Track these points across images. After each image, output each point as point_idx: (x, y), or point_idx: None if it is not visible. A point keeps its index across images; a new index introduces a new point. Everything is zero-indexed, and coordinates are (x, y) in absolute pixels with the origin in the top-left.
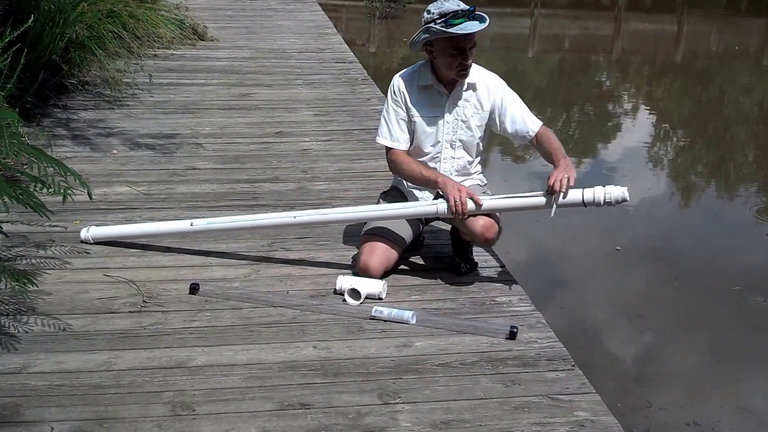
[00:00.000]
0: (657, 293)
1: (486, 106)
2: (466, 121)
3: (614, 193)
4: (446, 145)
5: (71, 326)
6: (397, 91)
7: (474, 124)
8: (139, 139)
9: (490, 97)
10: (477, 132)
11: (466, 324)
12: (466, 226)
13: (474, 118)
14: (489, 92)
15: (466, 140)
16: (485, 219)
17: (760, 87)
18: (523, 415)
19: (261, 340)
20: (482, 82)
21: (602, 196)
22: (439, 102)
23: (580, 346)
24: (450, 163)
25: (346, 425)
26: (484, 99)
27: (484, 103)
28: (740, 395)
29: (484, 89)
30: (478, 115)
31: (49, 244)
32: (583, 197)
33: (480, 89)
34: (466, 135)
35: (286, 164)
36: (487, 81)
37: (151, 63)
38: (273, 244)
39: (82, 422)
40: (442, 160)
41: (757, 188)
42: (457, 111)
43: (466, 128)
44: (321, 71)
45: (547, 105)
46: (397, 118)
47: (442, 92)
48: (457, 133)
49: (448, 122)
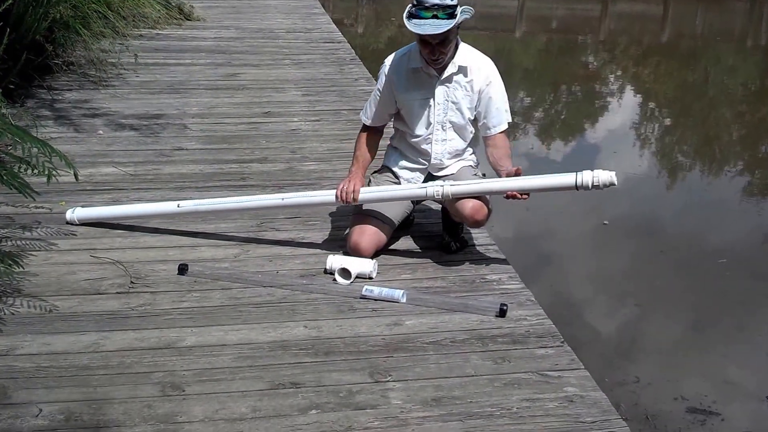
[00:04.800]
0: (644, 268)
1: (476, 89)
2: (457, 104)
3: (602, 177)
4: (438, 127)
5: (58, 308)
6: (383, 74)
7: (464, 107)
8: (125, 120)
9: (479, 81)
10: (468, 114)
11: (456, 302)
12: (456, 208)
13: (464, 100)
14: (480, 76)
15: (456, 122)
16: (474, 201)
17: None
18: (513, 391)
19: (251, 320)
20: (474, 66)
21: (590, 179)
22: (429, 84)
23: (569, 322)
24: (441, 145)
25: (338, 404)
26: (474, 82)
27: (474, 86)
28: (726, 369)
29: (475, 72)
30: (468, 97)
31: (35, 225)
32: (575, 181)
33: (471, 72)
34: (456, 117)
35: (274, 144)
36: (479, 64)
37: (136, 43)
38: (262, 224)
39: (70, 403)
40: (434, 142)
41: (742, 166)
42: (447, 93)
43: (457, 110)
44: (309, 51)
45: (535, 85)
46: (375, 99)
47: (432, 74)
48: (448, 115)
49: (439, 104)
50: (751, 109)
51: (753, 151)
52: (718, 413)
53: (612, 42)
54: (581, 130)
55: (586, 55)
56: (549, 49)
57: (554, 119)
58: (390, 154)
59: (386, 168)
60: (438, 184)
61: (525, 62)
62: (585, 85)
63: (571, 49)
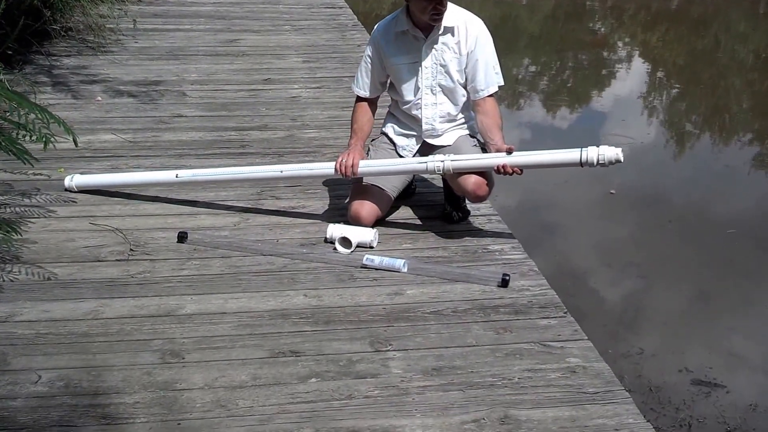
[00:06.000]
0: (650, 238)
1: (464, 50)
2: (445, 66)
3: (608, 154)
4: (426, 91)
5: (57, 275)
6: (372, 40)
7: (453, 69)
8: (124, 86)
9: (468, 41)
10: (457, 77)
11: (458, 272)
12: (458, 183)
13: (453, 62)
14: (467, 35)
15: (446, 85)
16: (476, 176)
17: (756, 35)
18: (514, 361)
19: (251, 288)
20: (461, 26)
21: (595, 156)
22: (416, 47)
23: (572, 293)
24: (432, 109)
25: (338, 372)
26: (462, 42)
27: (462, 47)
28: (732, 341)
29: (462, 32)
30: (457, 59)
31: (34, 192)
32: (580, 157)
33: (458, 33)
34: (446, 80)
35: (274, 112)
36: (466, 24)
37: (135, 8)
38: (262, 192)
39: (69, 370)
40: (423, 107)
41: (753, 136)
42: (435, 55)
43: (446, 73)
44: (310, 17)
45: (541, 52)
46: (366, 68)
47: (418, 37)
48: (437, 78)
49: (426, 67)
50: (761, 77)
51: (763, 120)
52: (723, 385)
53: (620, 8)
54: (588, 99)
55: (594, 22)
56: (555, 15)
57: (560, 87)
58: (387, 121)
59: (384, 135)
60: (439, 159)
61: (531, 29)
62: (592, 52)
63: (579, 15)
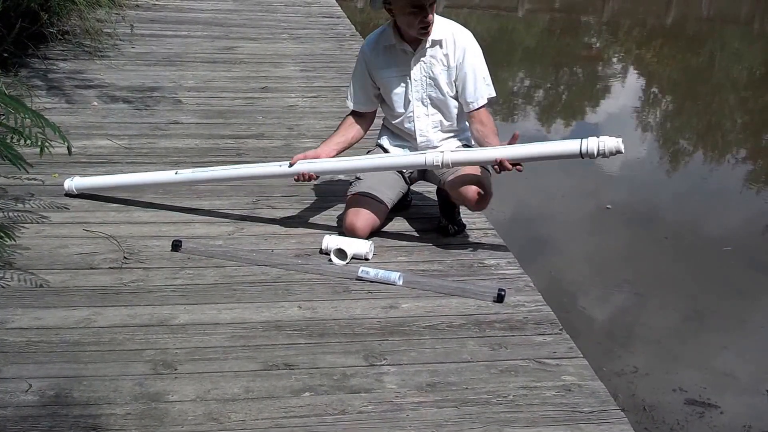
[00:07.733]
0: (646, 255)
1: (452, 62)
2: (434, 79)
3: (609, 144)
4: (417, 104)
5: (49, 282)
6: (361, 54)
7: (443, 82)
8: (120, 92)
9: (456, 53)
10: (447, 89)
11: (454, 286)
12: (457, 191)
13: (442, 75)
14: (456, 48)
15: (436, 97)
16: (476, 185)
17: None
18: (509, 378)
19: (245, 299)
20: (449, 38)
21: (596, 147)
22: (404, 61)
23: (568, 310)
24: (425, 120)
25: (331, 386)
26: (450, 55)
27: (451, 59)
28: (726, 361)
29: (450, 44)
30: (446, 71)
31: (28, 197)
32: (580, 148)
33: (447, 45)
34: (436, 92)
35: (271, 120)
36: (454, 36)
37: (132, 13)
38: (258, 201)
39: (60, 379)
40: (416, 119)
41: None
42: (423, 68)
43: (435, 86)
44: (308, 26)
45: (536, 65)
46: (356, 82)
47: (407, 51)
48: (427, 90)
49: (416, 80)
50: (755, 95)
51: (757, 137)
52: (717, 406)
53: (615, 23)
54: (582, 113)
55: (589, 36)
56: (551, 29)
57: (555, 101)
58: (382, 134)
59: (379, 147)
60: (438, 152)
61: (527, 41)
62: (587, 66)
63: (574, 30)
